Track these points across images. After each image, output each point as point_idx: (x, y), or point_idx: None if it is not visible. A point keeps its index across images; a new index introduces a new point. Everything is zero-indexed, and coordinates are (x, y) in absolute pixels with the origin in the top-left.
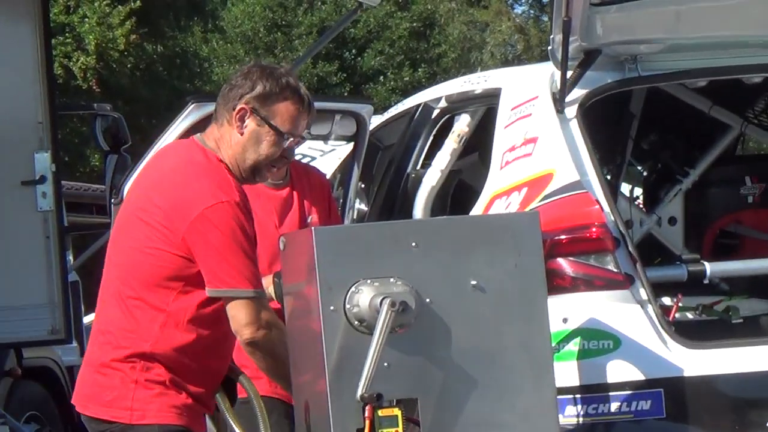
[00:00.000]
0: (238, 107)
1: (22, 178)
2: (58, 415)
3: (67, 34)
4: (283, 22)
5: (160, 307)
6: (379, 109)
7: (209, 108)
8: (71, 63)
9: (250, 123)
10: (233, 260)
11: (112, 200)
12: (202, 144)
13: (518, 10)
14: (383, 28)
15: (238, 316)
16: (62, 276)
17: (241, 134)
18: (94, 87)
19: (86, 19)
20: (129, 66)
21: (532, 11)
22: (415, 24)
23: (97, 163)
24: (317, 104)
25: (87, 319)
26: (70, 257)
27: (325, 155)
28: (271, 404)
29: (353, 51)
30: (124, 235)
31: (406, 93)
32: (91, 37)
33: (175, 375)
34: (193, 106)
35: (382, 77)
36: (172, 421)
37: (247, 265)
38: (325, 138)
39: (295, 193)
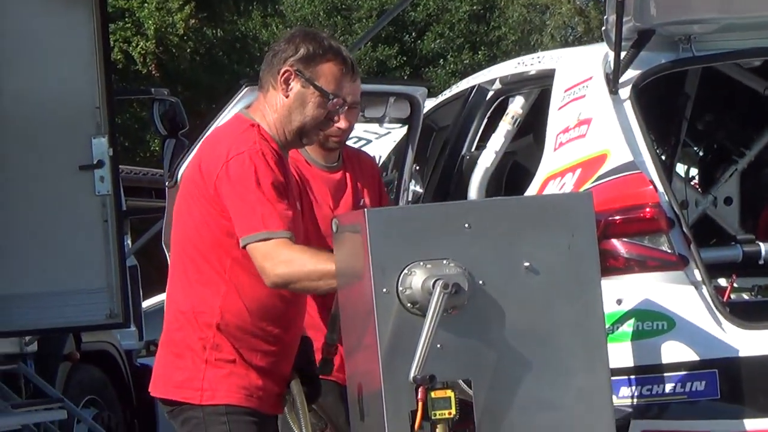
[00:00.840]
0: (283, 70)
1: (80, 162)
2: (117, 399)
3: (126, 19)
4: (343, 6)
5: (218, 275)
6: (440, 93)
7: None
8: (131, 48)
9: (295, 85)
10: (255, 207)
11: (167, 184)
12: (245, 116)
13: None
14: (443, 11)
15: (257, 259)
16: (120, 260)
17: (287, 97)
18: (154, 72)
19: (145, 4)
20: (188, 51)
21: None
22: (475, 7)
23: (156, 148)
24: (371, 87)
25: (146, 303)
26: (129, 241)
27: (380, 138)
28: (327, 387)
29: (413, 34)
30: (180, 212)
31: (465, 76)
32: (150, 21)
33: (243, 351)
34: (246, 89)
35: (441, 60)
36: (241, 402)
37: (270, 210)
38: (379, 121)
39: (348, 175)
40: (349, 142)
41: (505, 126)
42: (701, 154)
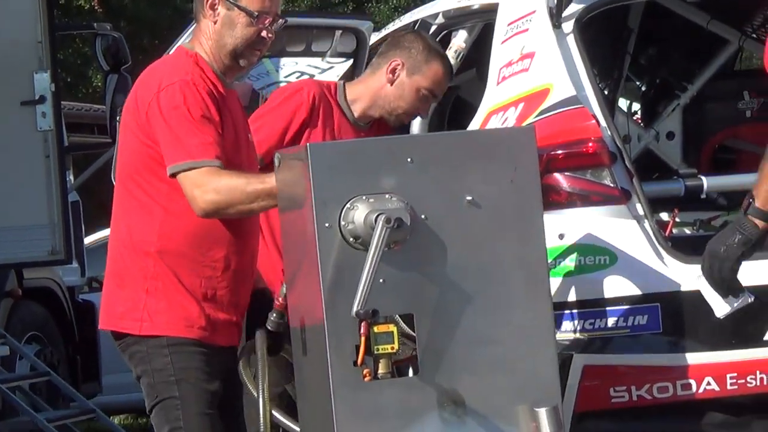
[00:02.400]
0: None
1: (21, 98)
2: (59, 335)
3: None
4: None
5: (155, 202)
6: (382, 29)
7: None
8: None
9: (221, 9)
10: (183, 137)
11: (117, 119)
12: (185, 47)
13: None
14: None
15: (185, 188)
16: (62, 196)
17: (215, 22)
18: (96, 7)
19: None
20: None
21: None
22: None
23: (98, 84)
24: (318, 21)
25: (88, 239)
26: (71, 177)
27: (324, 72)
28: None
29: None
30: (121, 142)
31: (407, 9)
32: None
33: (185, 279)
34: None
35: None
36: (181, 334)
37: (199, 139)
38: (323, 55)
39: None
40: (292, 77)
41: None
42: (644, 88)
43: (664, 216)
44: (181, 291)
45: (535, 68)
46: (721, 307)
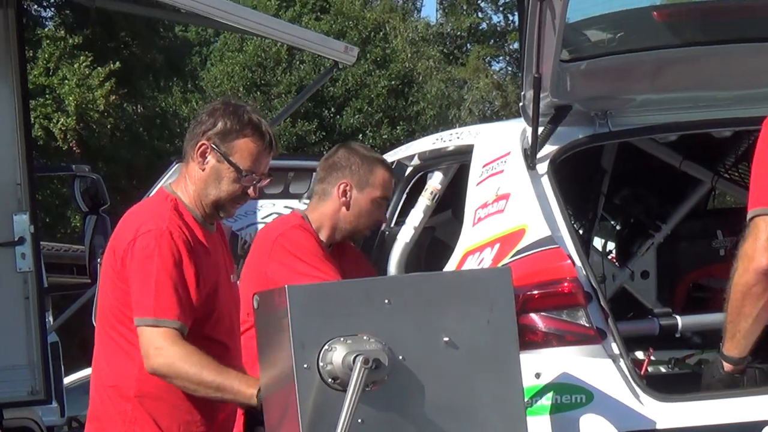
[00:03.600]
0: (200, 143)
1: (1, 239)
2: None
3: (47, 96)
4: (262, 82)
5: (134, 346)
6: None
7: None
8: (51, 124)
9: (211, 159)
10: (150, 290)
11: (98, 260)
12: (166, 190)
13: (496, 67)
14: (362, 86)
15: (143, 342)
16: (42, 337)
17: (203, 170)
18: (74, 148)
19: (66, 81)
20: (109, 126)
21: (509, 68)
22: (393, 82)
23: (77, 224)
24: (299, 163)
25: (67, 379)
26: (50, 318)
27: None
28: None
29: (332, 109)
30: (101, 284)
31: (384, 151)
32: (71, 98)
33: (163, 424)
34: (177, 165)
35: (360, 135)
36: None
37: (166, 296)
38: (300, 197)
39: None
40: (269, 218)
41: (424, 201)
42: (618, 227)
43: (640, 354)
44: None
45: (511, 209)
46: None
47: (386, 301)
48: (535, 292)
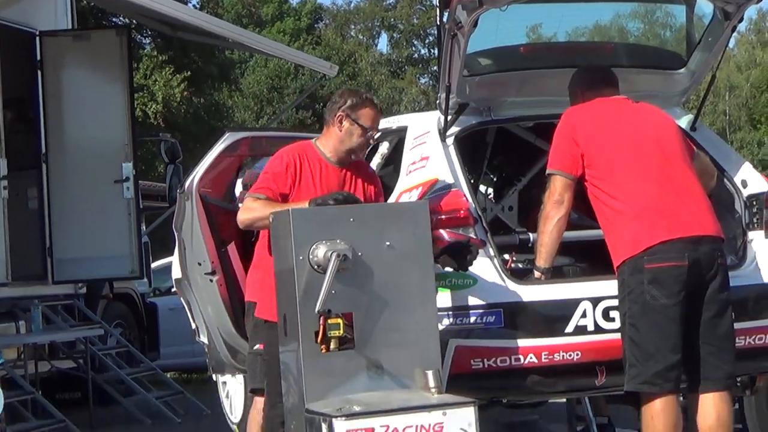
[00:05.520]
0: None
1: (115, 177)
2: (135, 322)
3: (144, 92)
4: (278, 86)
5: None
6: None
7: (237, 136)
8: (147, 108)
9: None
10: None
11: (179, 191)
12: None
13: (423, 80)
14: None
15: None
16: (138, 238)
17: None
18: (161, 124)
19: (156, 82)
20: (182, 111)
21: (430, 81)
22: (359, 88)
23: (161, 171)
24: (296, 135)
25: (153, 264)
26: (143, 226)
27: None
28: (268, 326)
29: (321, 104)
30: None
31: None
32: (159, 93)
33: None
34: (228, 134)
35: None
36: None
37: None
38: None
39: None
40: None
41: (377, 160)
42: (495, 179)
43: (507, 256)
44: None
45: (429, 166)
46: None
47: (351, 219)
48: (443, 216)
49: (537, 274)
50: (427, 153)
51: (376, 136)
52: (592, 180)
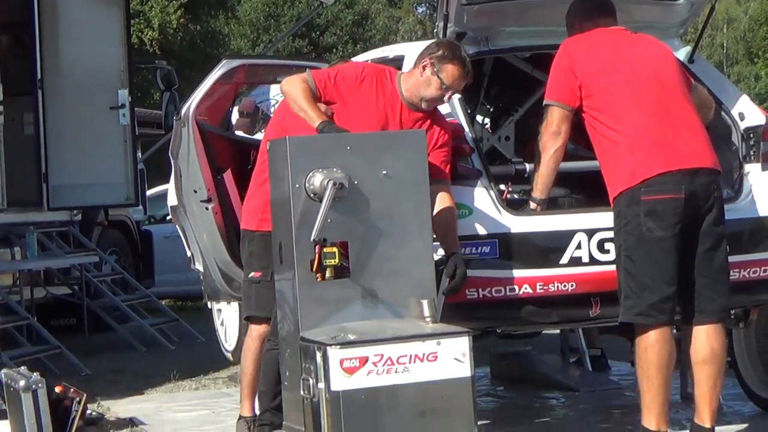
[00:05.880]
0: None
1: (111, 104)
2: (130, 250)
3: (140, 18)
4: (275, 13)
5: None
6: None
7: (234, 63)
8: (143, 35)
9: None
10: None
11: (175, 118)
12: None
13: (420, 9)
14: (337, 18)
15: None
16: (134, 165)
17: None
18: (157, 51)
19: (153, 8)
20: (179, 38)
21: (428, 10)
22: (356, 17)
23: (157, 98)
24: (292, 62)
25: (149, 192)
26: (139, 153)
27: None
28: (262, 238)
29: (317, 32)
30: None
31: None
32: (155, 19)
33: None
34: (225, 61)
35: (334, 50)
36: None
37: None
38: None
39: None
40: (279, 96)
41: None
42: (492, 109)
43: (502, 187)
44: None
45: None
46: None
47: (348, 147)
48: None
49: (533, 205)
50: None
51: (452, 96)
52: (590, 111)
